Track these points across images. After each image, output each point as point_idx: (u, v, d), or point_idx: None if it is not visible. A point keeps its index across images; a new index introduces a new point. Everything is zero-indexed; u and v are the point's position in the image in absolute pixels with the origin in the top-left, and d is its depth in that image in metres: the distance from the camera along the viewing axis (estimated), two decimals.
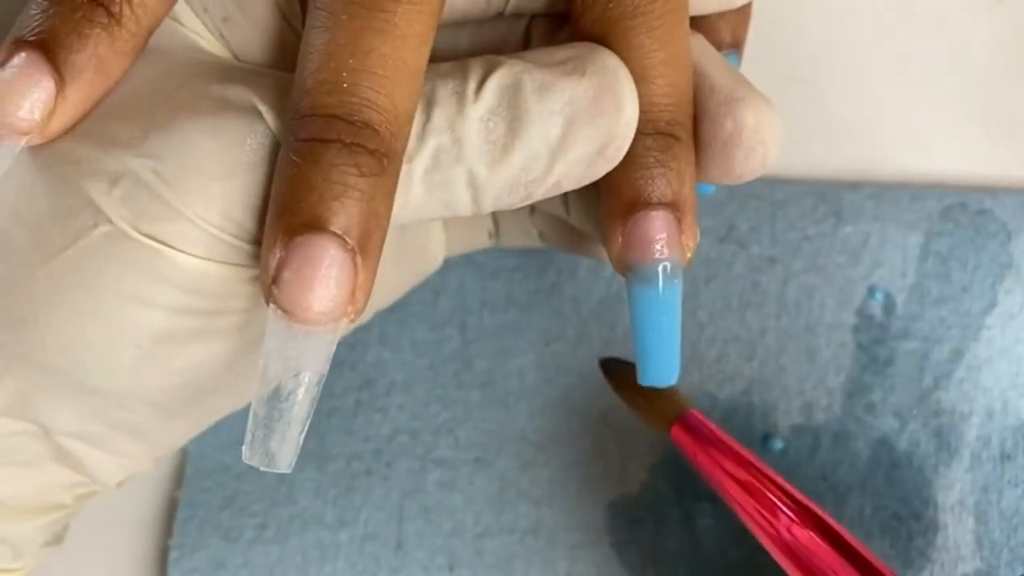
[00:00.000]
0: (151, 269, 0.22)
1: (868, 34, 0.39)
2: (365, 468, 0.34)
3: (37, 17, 0.22)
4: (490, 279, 0.36)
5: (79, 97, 0.22)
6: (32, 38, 0.22)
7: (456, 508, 0.33)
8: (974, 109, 0.38)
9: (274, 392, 0.21)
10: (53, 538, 0.27)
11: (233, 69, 0.24)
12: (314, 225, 0.20)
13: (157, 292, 0.22)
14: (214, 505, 0.33)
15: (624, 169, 0.23)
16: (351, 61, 0.21)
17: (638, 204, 0.23)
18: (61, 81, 0.22)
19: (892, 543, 0.32)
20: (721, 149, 0.24)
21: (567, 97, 0.22)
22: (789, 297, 0.35)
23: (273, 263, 0.21)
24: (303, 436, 0.21)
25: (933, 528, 0.32)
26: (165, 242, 0.22)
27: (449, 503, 0.33)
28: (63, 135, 0.22)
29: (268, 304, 0.21)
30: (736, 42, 0.29)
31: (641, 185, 0.23)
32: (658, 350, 0.24)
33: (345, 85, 0.21)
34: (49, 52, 0.22)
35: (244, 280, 0.23)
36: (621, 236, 0.23)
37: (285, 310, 0.21)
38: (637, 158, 0.23)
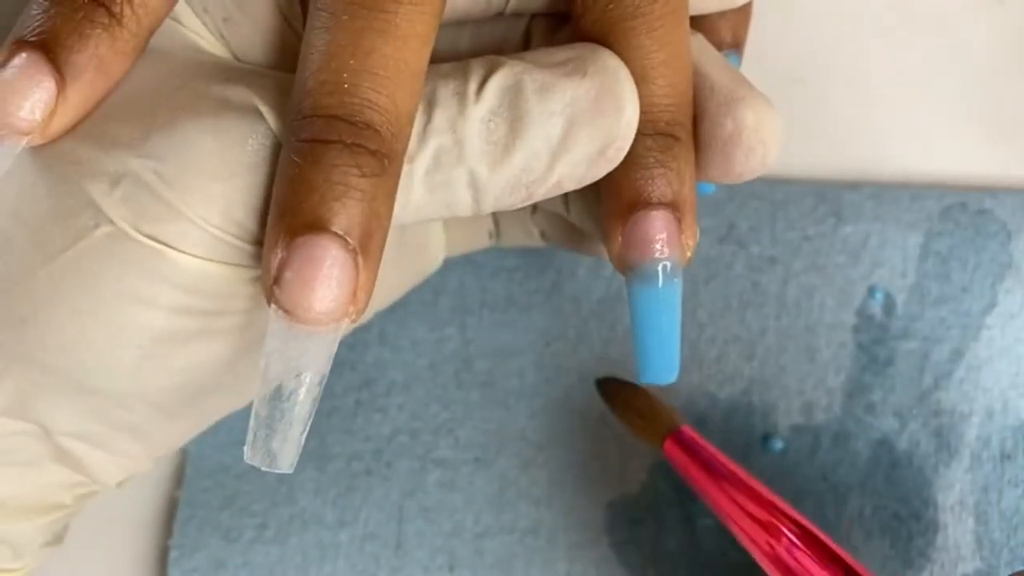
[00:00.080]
0: (152, 269, 0.22)
1: (868, 34, 0.39)
2: (365, 468, 0.34)
3: (38, 17, 0.22)
4: (490, 279, 0.36)
5: (80, 97, 0.22)
6: (33, 38, 0.22)
7: (456, 508, 0.33)
8: (974, 109, 0.38)
9: (276, 392, 0.21)
10: (53, 538, 0.27)
11: (234, 69, 0.24)
12: (316, 225, 0.20)
13: (158, 292, 0.22)
14: (214, 505, 0.33)
15: (624, 169, 0.23)
16: (352, 62, 0.21)
17: (638, 204, 0.23)
18: (62, 81, 0.22)
19: (892, 543, 0.32)
20: (721, 149, 0.24)
21: (568, 98, 0.22)
22: (789, 297, 0.35)
23: (275, 263, 0.21)
24: (305, 436, 0.21)
25: (933, 528, 0.32)
26: (166, 242, 0.22)
27: (449, 503, 0.33)
28: (64, 135, 0.22)
29: (270, 304, 0.21)
30: (736, 42, 0.29)
31: (641, 185, 0.23)
32: (658, 349, 0.24)
33: (346, 86, 0.21)
34: (50, 52, 0.22)
35: (245, 280, 0.23)
36: (621, 235, 0.23)
37: (287, 310, 0.21)
38: (637, 158, 0.23)
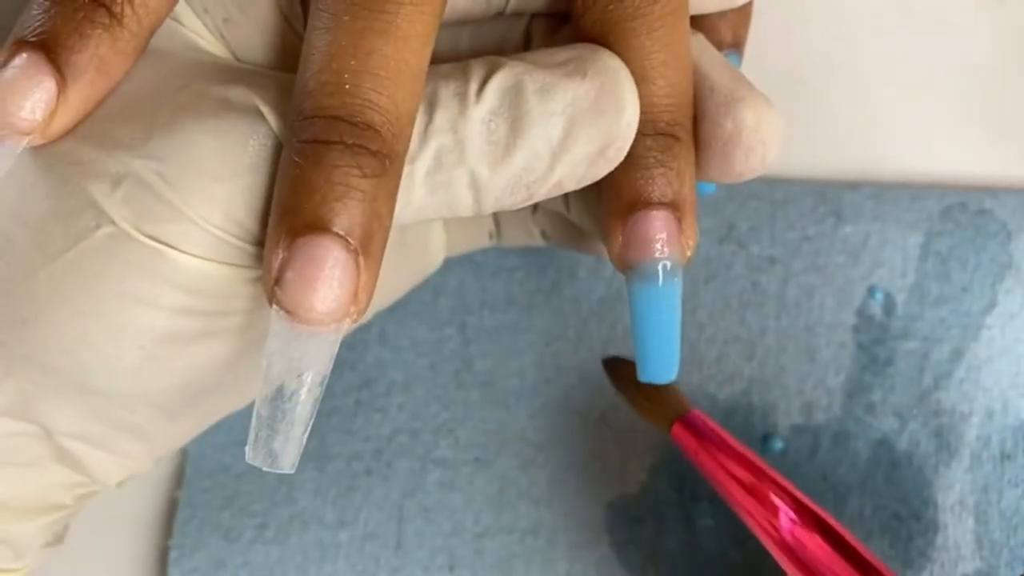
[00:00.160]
0: (153, 270, 0.22)
1: (868, 34, 0.39)
2: (365, 468, 0.34)
3: (39, 17, 0.22)
4: (490, 279, 0.36)
5: (80, 97, 0.22)
6: (33, 38, 0.22)
7: (456, 508, 0.33)
8: (974, 109, 0.38)
9: (277, 392, 0.21)
10: (53, 538, 0.27)
11: (234, 70, 0.24)
12: (317, 226, 0.20)
13: (159, 293, 0.22)
14: (214, 505, 0.33)
15: (625, 169, 0.23)
16: (353, 62, 0.21)
17: (638, 204, 0.23)
18: (62, 81, 0.22)
19: (892, 543, 0.32)
20: (721, 149, 0.24)
21: (568, 98, 0.22)
22: (789, 297, 0.35)
23: (276, 264, 0.21)
24: (306, 436, 0.21)
25: (933, 528, 0.32)
26: (167, 243, 0.22)
27: (449, 503, 0.33)
28: (65, 136, 0.22)
29: (271, 305, 0.21)
30: (737, 41, 0.30)
31: (641, 185, 0.23)
32: (658, 347, 0.24)
33: (347, 86, 0.21)
34: (51, 52, 0.22)
35: (246, 281, 0.23)
36: (621, 235, 0.23)
37: (288, 311, 0.21)
38: (637, 158, 0.23)
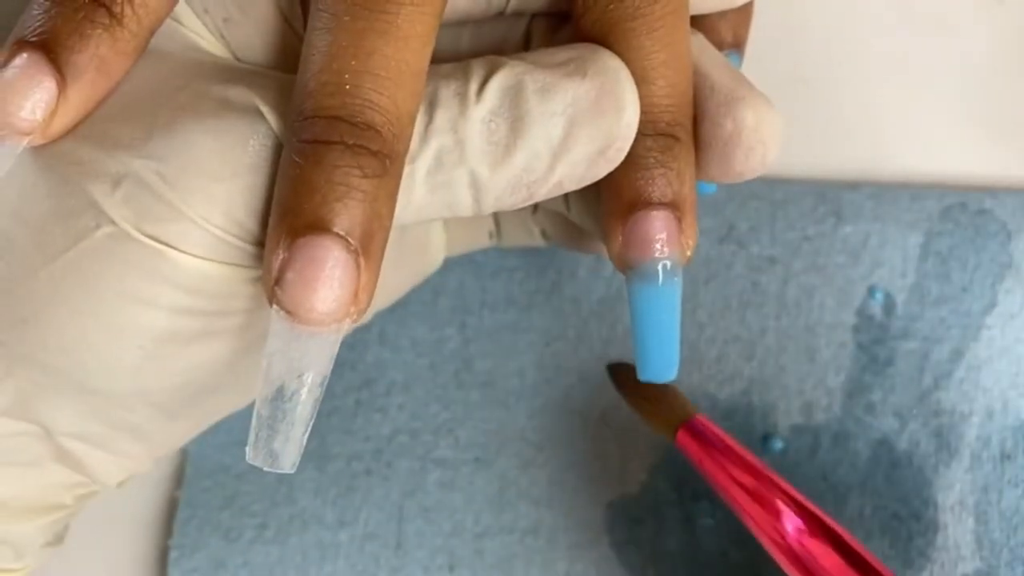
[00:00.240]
0: (153, 270, 0.22)
1: (868, 34, 0.39)
2: (365, 468, 0.34)
3: (39, 17, 0.22)
4: (490, 279, 0.36)
5: (81, 97, 0.22)
6: (34, 39, 0.22)
7: (456, 508, 0.33)
8: (974, 109, 0.38)
9: (277, 392, 0.21)
10: (54, 538, 0.27)
11: (234, 70, 0.24)
12: (317, 226, 0.20)
13: (159, 293, 0.22)
14: (214, 505, 0.33)
15: (625, 169, 0.23)
16: (353, 63, 0.21)
17: (638, 204, 0.23)
18: (63, 81, 0.22)
19: (892, 543, 0.32)
20: (721, 149, 0.24)
21: (569, 98, 0.22)
22: (789, 297, 0.35)
23: (276, 264, 0.21)
24: (306, 436, 0.21)
25: (933, 528, 0.32)
26: (167, 243, 0.22)
27: (449, 503, 0.33)
28: (65, 136, 0.22)
29: (271, 305, 0.21)
30: (737, 41, 0.29)
31: (641, 185, 0.23)
32: (657, 347, 0.24)
33: (347, 87, 0.21)
34: (51, 52, 0.22)
35: (246, 281, 0.23)
36: (621, 235, 0.23)
37: (288, 311, 0.21)
38: (638, 158, 0.23)
